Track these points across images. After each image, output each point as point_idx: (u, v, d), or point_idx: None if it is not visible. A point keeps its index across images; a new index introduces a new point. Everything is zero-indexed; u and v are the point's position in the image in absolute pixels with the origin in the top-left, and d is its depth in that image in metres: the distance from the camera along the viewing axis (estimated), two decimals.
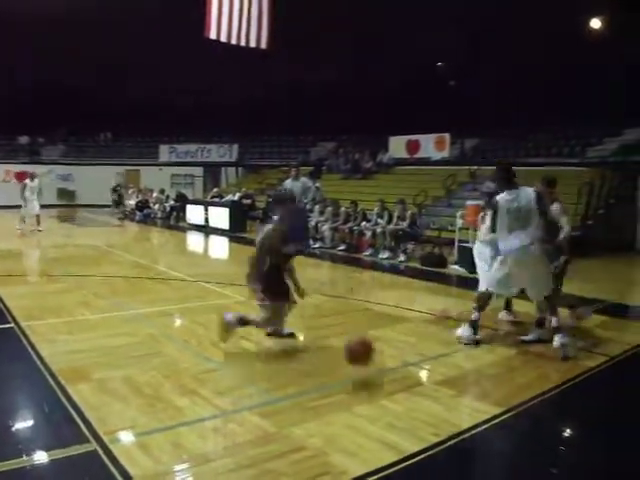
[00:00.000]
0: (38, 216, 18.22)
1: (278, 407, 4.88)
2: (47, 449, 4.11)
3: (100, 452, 4.06)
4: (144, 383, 5.31)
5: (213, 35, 23.27)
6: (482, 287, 7.03)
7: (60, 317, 7.62)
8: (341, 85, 28.38)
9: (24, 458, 4.00)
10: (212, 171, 33.86)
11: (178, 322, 7.62)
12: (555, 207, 7.18)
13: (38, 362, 5.83)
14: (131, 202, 26.41)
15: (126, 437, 4.32)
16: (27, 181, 19.04)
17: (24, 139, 35.34)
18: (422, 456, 4.10)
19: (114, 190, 28.47)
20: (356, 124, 27.72)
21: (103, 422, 4.48)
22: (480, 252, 7.59)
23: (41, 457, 4.04)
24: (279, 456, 4.04)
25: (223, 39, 23.10)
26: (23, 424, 4.64)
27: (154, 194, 25.64)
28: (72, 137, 35.93)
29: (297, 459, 4.01)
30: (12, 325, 7.18)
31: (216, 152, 34.09)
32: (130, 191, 27.59)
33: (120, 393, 5.08)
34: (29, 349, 6.25)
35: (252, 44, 23.37)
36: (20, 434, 4.45)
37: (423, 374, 5.92)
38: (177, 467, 3.94)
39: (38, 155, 34.64)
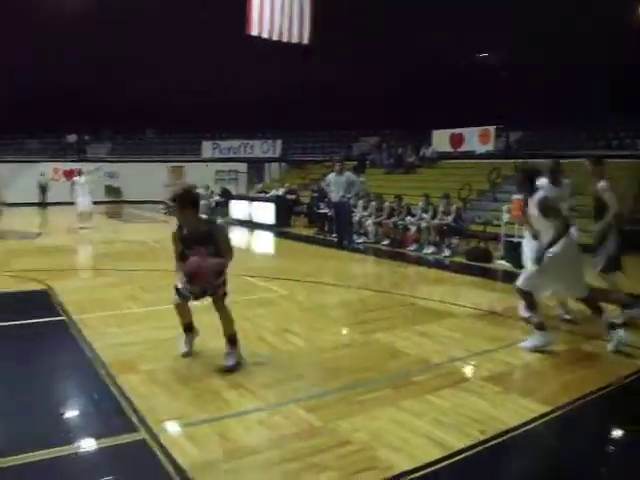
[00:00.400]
0: (89, 213, 18.56)
1: (324, 401, 4.89)
2: (98, 437, 4.21)
3: (149, 441, 4.14)
4: (191, 375, 5.40)
5: (255, 32, 23.38)
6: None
7: (109, 310, 7.78)
8: (384, 79, 28.34)
9: (75, 445, 4.12)
10: (256, 167, 34.08)
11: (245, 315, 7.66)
12: (602, 185, 7.11)
13: (89, 354, 5.96)
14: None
15: (174, 427, 4.39)
16: (75, 178, 19.43)
17: (72, 138, 36.13)
18: (469, 453, 4.06)
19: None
20: (399, 118, 27.63)
21: (152, 412, 4.57)
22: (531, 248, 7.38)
23: (92, 445, 4.14)
24: (324, 450, 4.05)
25: (265, 36, 23.19)
26: (75, 413, 4.76)
27: (199, 190, 25.90)
28: (118, 135, 36.54)
29: (342, 453, 4.01)
30: (64, 318, 7.36)
31: (259, 148, 34.32)
32: (176, 187, 27.88)
33: (168, 384, 5.17)
34: (80, 341, 6.40)
35: (294, 40, 23.44)
36: (72, 422, 4.57)
37: (469, 370, 5.85)
38: (223, 458, 3.97)
39: (85, 153, 35.36)
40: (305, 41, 23.98)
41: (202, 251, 5.50)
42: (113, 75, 30.91)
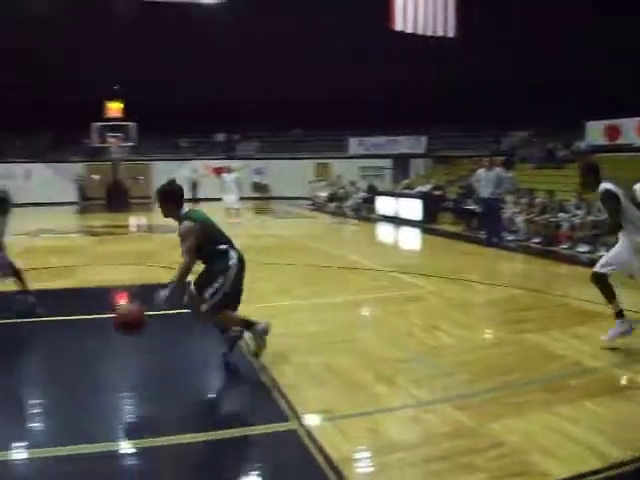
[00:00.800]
0: (237, 209, 19.29)
1: (475, 401, 4.81)
2: (250, 424, 4.43)
3: (300, 432, 4.27)
4: (342, 369, 5.48)
5: (399, 27, 23.30)
6: None
7: (262, 303, 8.04)
8: (530, 72, 27.35)
9: (228, 431, 4.33)
10: (401, 163, 33.93)
11: (372, 311, 7.75)
12: None
13: (242, 343, 6.21)
14: (322, 194, 27.25)
15: (325, 419, 4.49)
16: (224, 175, 20.26)
17: (221, 136, 37.67)
18: (631, 466, 3.80)
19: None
20: (548, 111, 26.51)
21: (303, 403, 4.70)
22: None
23: (244, 431, 4.36)
24: (475, 451, 3.97)
25: (409, 30, 23.08)
26: (228, 400, 5.01)
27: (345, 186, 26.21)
28: (265, 133, 37.63)
29: (494, 455, 3.92)
30: None
31: (404, 144, 34.14)
32: (322, 184, 28.44)
33: (319, 377, 5.30)
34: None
35: (439, 33, 23.15)
36: (225, 409, 4.82)
37: (629, 376, 5.53)
38: (373, 452, 4.02)
39: (234, 151, 36.76)
40: (450, 34, 23.65)
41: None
42: (260, 75, 31.89)
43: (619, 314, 6.07)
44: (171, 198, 5.47)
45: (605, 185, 6.03)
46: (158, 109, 30.53)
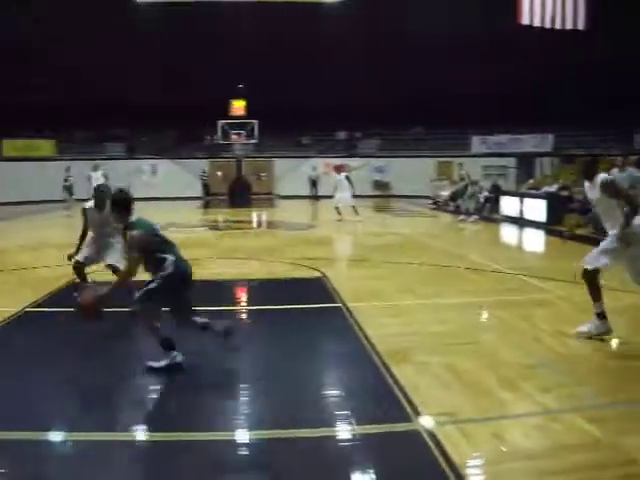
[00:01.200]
0: (352, 207, 19.29)
1: (607, 413, 4.55)
2: (372, 422, 4.39)
3: (422, 433, 4.20)
4: (465, 371, 5.36)
5: (526, 21, 22.69)
6: None
7: (382, 301, 8.04)
8: None
9: (349, 427, 4.34)
10: (525, 162, 32.85)
11: (496, 314, 7.46)
12: None
13: (364, 340, 6.23)
14: (444, 193, 26.85)
15: (447, 422, 4.38)
16: (334, 174, 20.43)
17: (342, 134, 37.94)
18: None
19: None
20: None
21: (425, 404, 4.62)
22: None
23: (366, 429, 4.32)
24: (605, 466, 3.77)
25: (537, 23, 22.39)
26: (350, 396, 4.99)
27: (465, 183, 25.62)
28: (386, 131, 37.53)
29: (625, 473, 3.70)
30: (340, 305, 7.77)
31: (529, 142, 33.09)
32: (444, 182, 28.04)
33: (442, 378, 5.20)
34: (355, 328, 6.71)
35: (568, 25, 22.28)
36: (347, 405, 4.78)
37: None
38: (498, 459, 3.89)
39: (355, 149, 36.90)
40: (580, 26, 22.72)
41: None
42: (383, 72, 31.85)
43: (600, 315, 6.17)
44: (123, 206, 5.54)
45: None
46: (281, 107, 31.19)
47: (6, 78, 28.57)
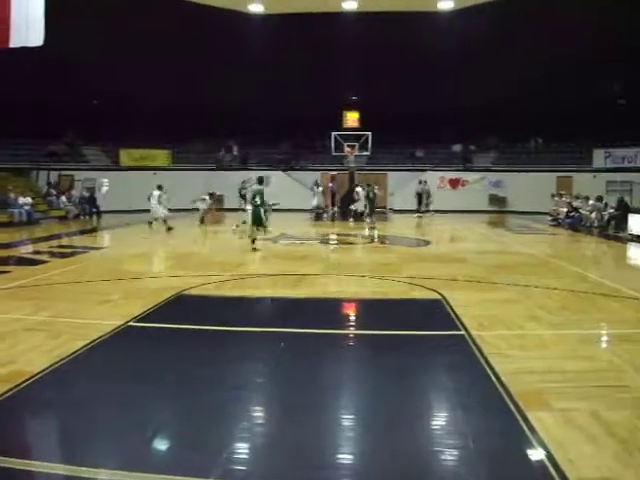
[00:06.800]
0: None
1: None
2: None
3: None
4: (616, 423, 4.50)
5: None
6: None
7: (510, 329, 7.23)
8: None
9: None
10: None
11: None
12: None
13: (493, 377, 5.50)
14: (563, 209, 25.47)
15: None
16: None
17: (457, 147, 36.97)
18: None
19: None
20: None
21: (573, 465, 3.87)
22: None
23: None
24: None
25: None
26: (484, 453, 4.22)
27: (590, 201, 24.10)
28: (503, 144, 36.22)
29: None
30: (463, 332, 7.04)
31: None
32: (563, 198, 26.62)
33: (589, 431, 4.38)
34: (482, 361, 5.99)
35: None
36: (480, 465, 4.05)
37: None
38: None
39: (470, 162, 35.79)
40: None
41: None
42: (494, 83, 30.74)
43: None
44: None
45: None
46: (395, 119, 30.65)
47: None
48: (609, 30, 24.22)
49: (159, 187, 21.29)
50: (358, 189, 27.80)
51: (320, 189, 31.31)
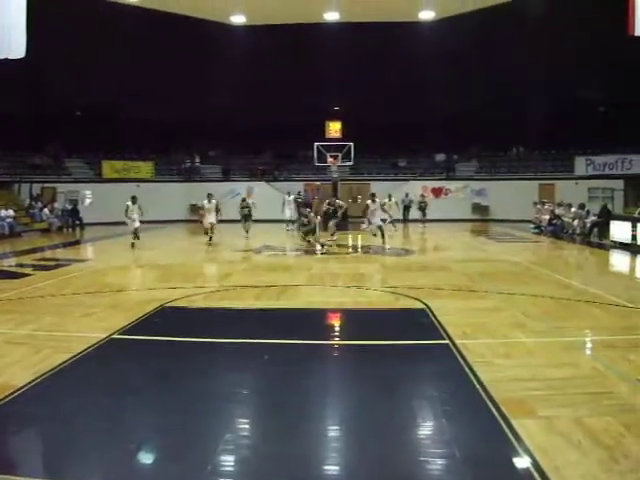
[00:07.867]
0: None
1: None
2: None
3: None
4: (600, 430, 4.53)
5: (639, 32, 21.37)
6: None
7: (494, 337, 7.27)
8: None
9: None
10: (634, 184, 30.98)
11: (627, 357, 6.46)
12: None
13: (477, 385, 5.53)
14: (545, 217, 25.66)
15: None
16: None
17: (440, 156, 37.28)
18: None
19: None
20: None
21: (558, 472, 3.89)
22: None
23: None
24: None
25: None
26: (469, 460, 4.25)
27: (572, 209, 24.29)
28: (485, 153, 36.53)
29: None
30: (447, 341, 7.06)
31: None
32: (545, 206, 26.85)
33: (573, 438, 4.39)
34: (466, 369, 6.01)
35: None
36: (467, 472, 4.07)
37: None
38: None
39: (453, 172, 36.05)
40: None
41: None
42: (477, 93, 31.01)
43: None
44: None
45: None
46: (377, 128, 30.83)
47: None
48: (590, 38, 24.55)
49: (133, 198, 20.96)
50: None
51: (291, 197, 28.10)
